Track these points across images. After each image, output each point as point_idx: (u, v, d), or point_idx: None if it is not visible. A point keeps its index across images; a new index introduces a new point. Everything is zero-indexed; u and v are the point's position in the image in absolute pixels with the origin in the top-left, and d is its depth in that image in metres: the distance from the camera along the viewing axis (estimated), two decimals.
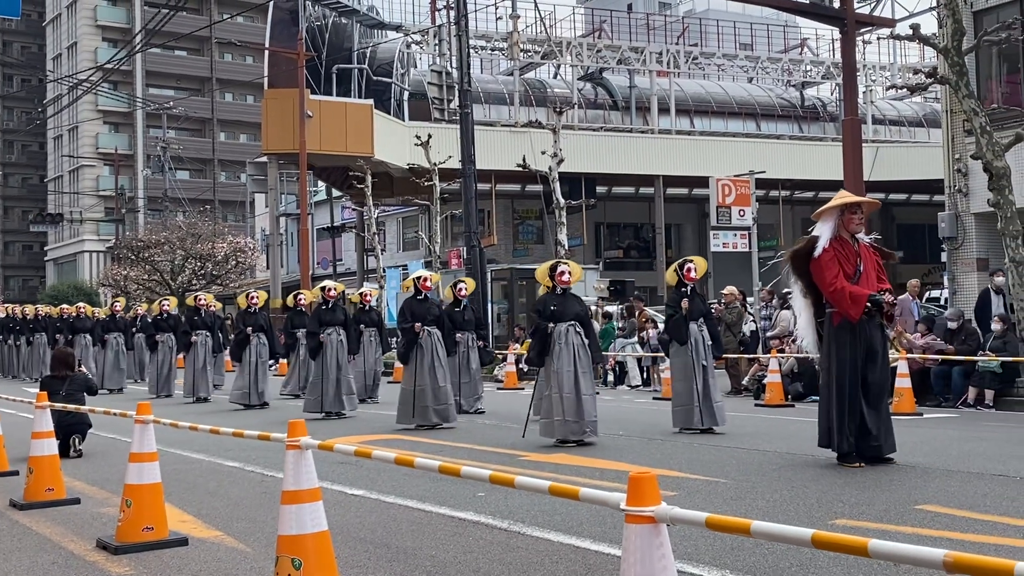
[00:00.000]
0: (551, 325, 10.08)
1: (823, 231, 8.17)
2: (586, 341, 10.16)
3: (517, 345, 22.64)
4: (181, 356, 20.42)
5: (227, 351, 21.06)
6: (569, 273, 10.32)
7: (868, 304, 7.92)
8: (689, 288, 11.13)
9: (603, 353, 18.29)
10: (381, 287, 30.87)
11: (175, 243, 44.47)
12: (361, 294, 17.03)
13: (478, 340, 14.53)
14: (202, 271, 44.56)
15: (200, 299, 18.59)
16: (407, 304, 12.62)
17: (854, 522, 5.92)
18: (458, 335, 13.97)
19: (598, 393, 11.27)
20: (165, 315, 20.18)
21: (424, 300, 12.58)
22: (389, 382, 20.27)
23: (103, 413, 7.36)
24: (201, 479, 8.40)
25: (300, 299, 18.09)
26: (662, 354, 17.33)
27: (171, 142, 60.18)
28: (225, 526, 6.35)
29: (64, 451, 9.18)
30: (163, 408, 15.91)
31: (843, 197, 8.51)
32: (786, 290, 14.00)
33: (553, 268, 10.45)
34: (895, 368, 13.62)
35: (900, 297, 15.39)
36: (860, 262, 8.11)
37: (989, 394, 13.70)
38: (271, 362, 18.43)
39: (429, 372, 12.11)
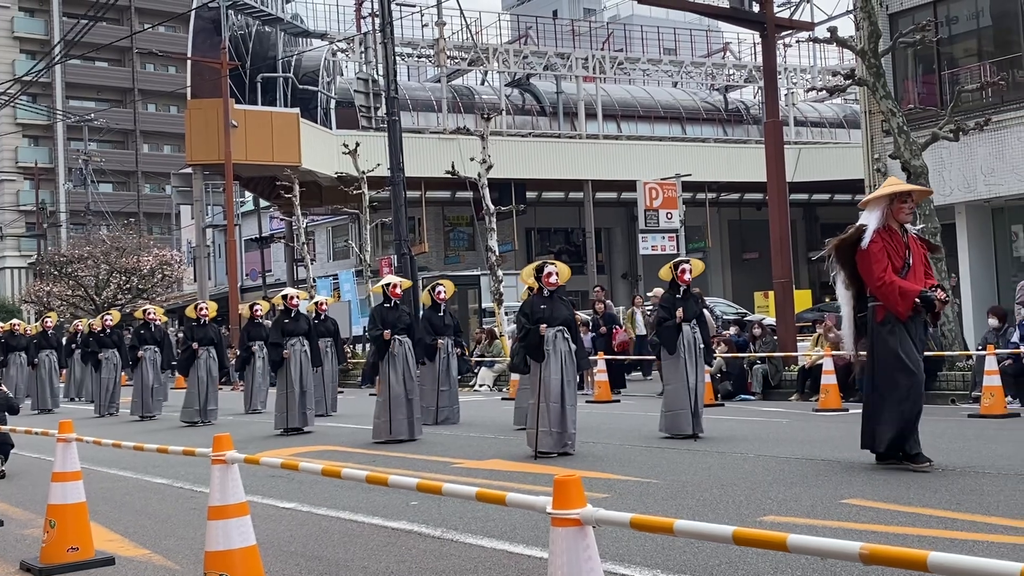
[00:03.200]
0: (543, 327, 9.41)
1: (870, 220, 7.60)
2: (573, 347, 9.55)
3: None
4: (125, 373, 19.80)
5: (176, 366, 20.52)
6: (557, 274, 9.66)
7: (917, 300, 7.43)
8: (683, 290, 10.71)
9: None
10: (312, 298, 30.57)
11: (99, 257, 43.63)
12: (316, 303, 16.46)
13: (456, 347, 13.97)
14: (127, 285, 43.78)
15: (149, 312, 17.76)
16: (377, 311, 11.99)
17: (782, 518, 6.02)
18: (439, 340, 13.46)
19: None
20: (108, 331, 19.22)
21: (395, 308, 11.90)
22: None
23: (24, 432, 7.20)
24: (129, 497, 8.25)
25: (257, 310, 17.17)
26: (595, 358, 17.48)
27: (93, 155, 59.02)
28: (153, 544, 6.25)
29: None
30: (110, 427, 15.56)
31: (893, 185, 7.88)
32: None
33: (540, 269, 9.76)
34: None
35: None
36: (909, 254, 7.60)
37: None
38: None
39: (402, 384, 11.51)
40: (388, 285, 12.03)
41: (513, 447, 10.29)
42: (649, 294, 18.34)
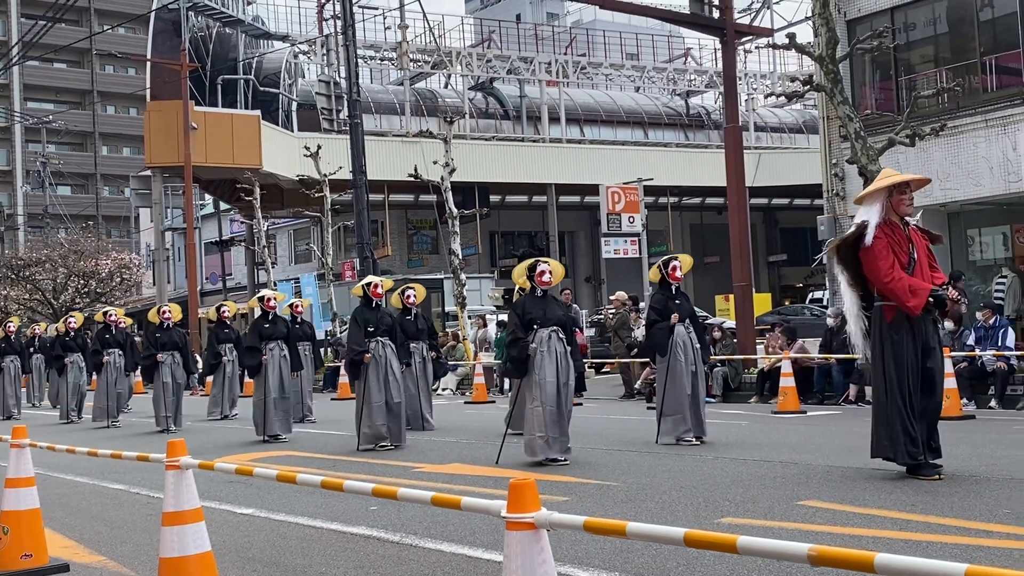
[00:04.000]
0: (531, 336, 8.98)
1: (870, 216, 7.21)
2: (568, 349, 9.12)
3: None
4: (95, 377, 19.35)
5: (138, 371, 20.17)
6: (550, 273, 9.14)
7: (930, 299, 7.10)
8: (675, 288, 10.38)
9: (499, 362, 18.27)
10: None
11: (57, 261, 43.11)
12: (291, 305, 16.13)
13: (430, 351, 13.58)
14: (86, 289, 43.29)
15: (111, 315, 17.18)
16: (358, 313, 11.44)
17: (739, 520, 6.06)
18: (412, 345, 12.81)
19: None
20: (72, 333, 18.62)
21: (376, 308, 11.35)
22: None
23: None
24: (84, 503, 8.16)
25: (224, 311, 16.77)
26: None
27: (51, 157, 58.39)
28: (108, 550, 6.19)
29: None
30: (73, 433, 15.24)
31: (889, 176, 7.47)
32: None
33: (532, 268, 9.20)
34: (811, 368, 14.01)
35: None
36: (913, 249, 7.23)
37: (869, 391, 14.15)
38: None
39: (384, 387, 11.01)
40: (369, 285, 11.54)
41: (475, 451, 10.29)
42: (612, 297, 18.39)
